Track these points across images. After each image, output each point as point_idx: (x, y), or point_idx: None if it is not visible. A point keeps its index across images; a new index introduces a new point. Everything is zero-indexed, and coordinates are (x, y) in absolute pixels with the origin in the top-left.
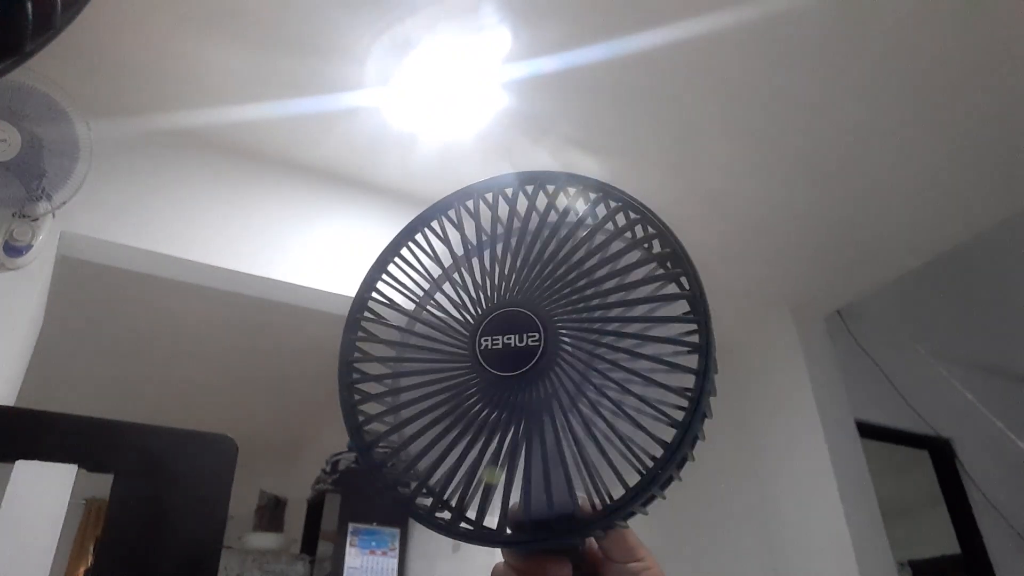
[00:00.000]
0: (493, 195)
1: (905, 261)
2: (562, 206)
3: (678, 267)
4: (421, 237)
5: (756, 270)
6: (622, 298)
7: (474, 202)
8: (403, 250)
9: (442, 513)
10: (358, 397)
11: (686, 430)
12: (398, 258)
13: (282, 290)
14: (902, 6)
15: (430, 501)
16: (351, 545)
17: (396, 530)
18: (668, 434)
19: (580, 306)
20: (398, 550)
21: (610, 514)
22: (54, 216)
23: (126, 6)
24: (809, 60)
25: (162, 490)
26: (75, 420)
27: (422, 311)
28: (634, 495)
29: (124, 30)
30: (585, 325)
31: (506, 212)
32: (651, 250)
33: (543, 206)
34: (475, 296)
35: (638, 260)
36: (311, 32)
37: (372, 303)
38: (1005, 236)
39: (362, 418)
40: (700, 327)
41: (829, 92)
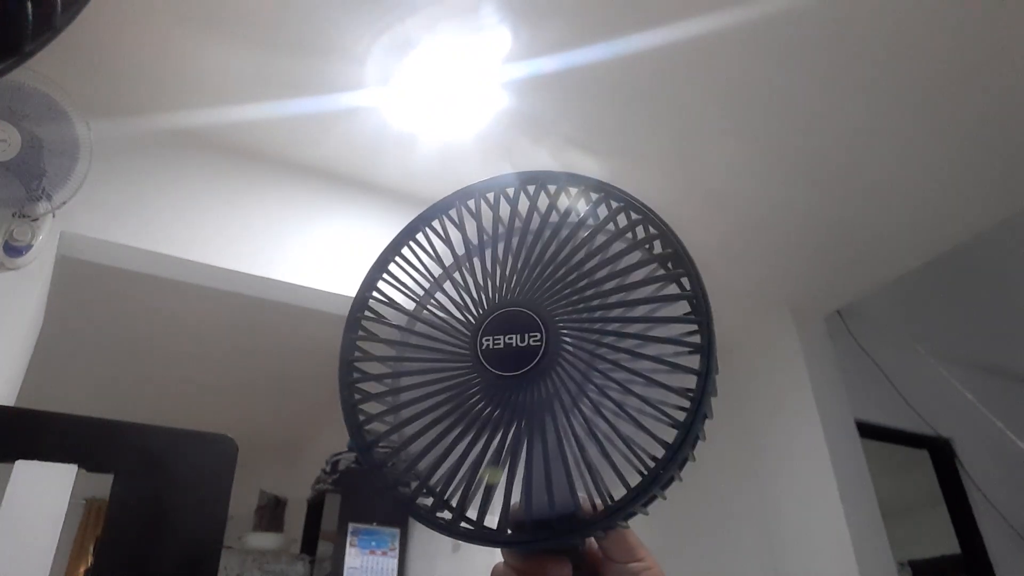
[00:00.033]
0: (494, 195)
1: (905, 261)
2: (564, 206)
3: (679, 268)
4: (422, 236)
5: (756, 270)
6: (623, 298)
7: (475, 202)
8: (404, 249)
9: (443, 513)
10: (358, 396)
11: (688, 430)
12: (399, 257)
13: (282, 290)
14: (902, 6)
15: (431, 501)
16: (351, 545)
17: (396, 530)
18: (669, 434)
19: (581, 307)
20: (398, 550)
21: (611, 514)
22: (54, 216)
23: (126, 6)
24: (809, 60)
25: (162, 490)
26: (75, 420)
27: (423, 310)
28: (635, 495)
29: (124, 30)
30: (586, 325)
31: (507, 212)
32: (652, 251)
33: (545, 206)
34: (476, 296)
35: (639, 261)
36: (311, 32)
37: (373, 302)
38: (1005, 236)
39: (362, 417)
40: (702, 328)
41: (829, 92)
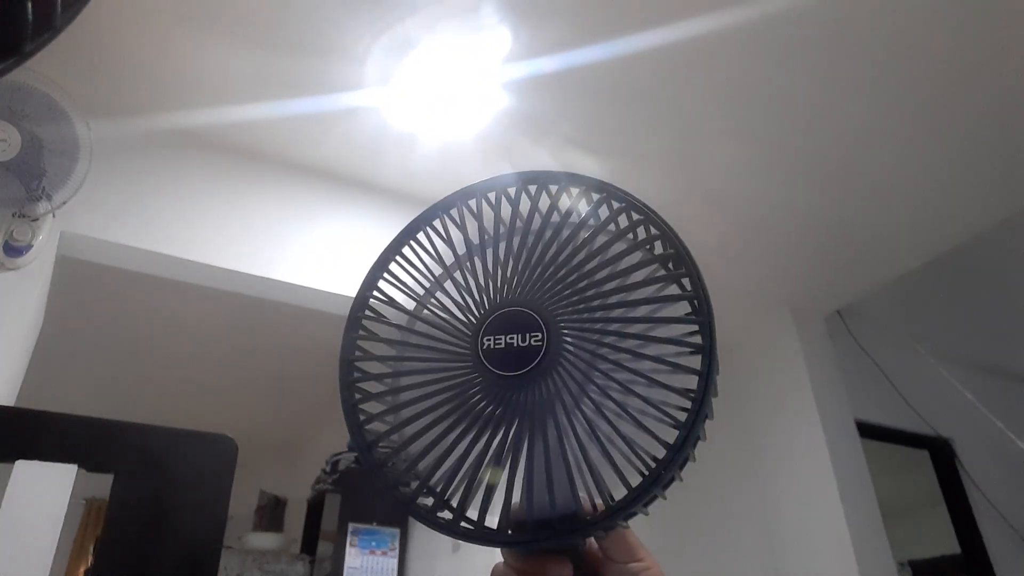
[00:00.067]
0: (495, 195)
1: (905, 261)
2: (565, 207)
3: (681, 268)
4: (423, 236)
5: (756, 270)
6: (624, 299)
7: (476, 201)
8: (405, 249)
9: (443, 513)
10: (359, 396)
11: (689, 431)
12: (400, 257)
13: (282, 290)
14: (902, 6)
15: (431, 501)
16: (351, 545)
17: (396, 530)
18: (670, 435)
19: (582, 307)
20: (398, 550)
21: (612, 514)
22: (54, 216)
23: (126, 6)
24: (809, 60)
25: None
26: (75, 420)
27: (423, 310)
28: (636, 495)
29: (124, 30)
30: (587, 325)
31: (508, 212)
32: (654, 251)
33: (546, 206)
34: (477, 296)
35: (640, 261)
36: (311, 32)
37: (373, 302)
38: (1005, 236)
39: (363, 417)
40: (703, 328)
41: (829, 92)
